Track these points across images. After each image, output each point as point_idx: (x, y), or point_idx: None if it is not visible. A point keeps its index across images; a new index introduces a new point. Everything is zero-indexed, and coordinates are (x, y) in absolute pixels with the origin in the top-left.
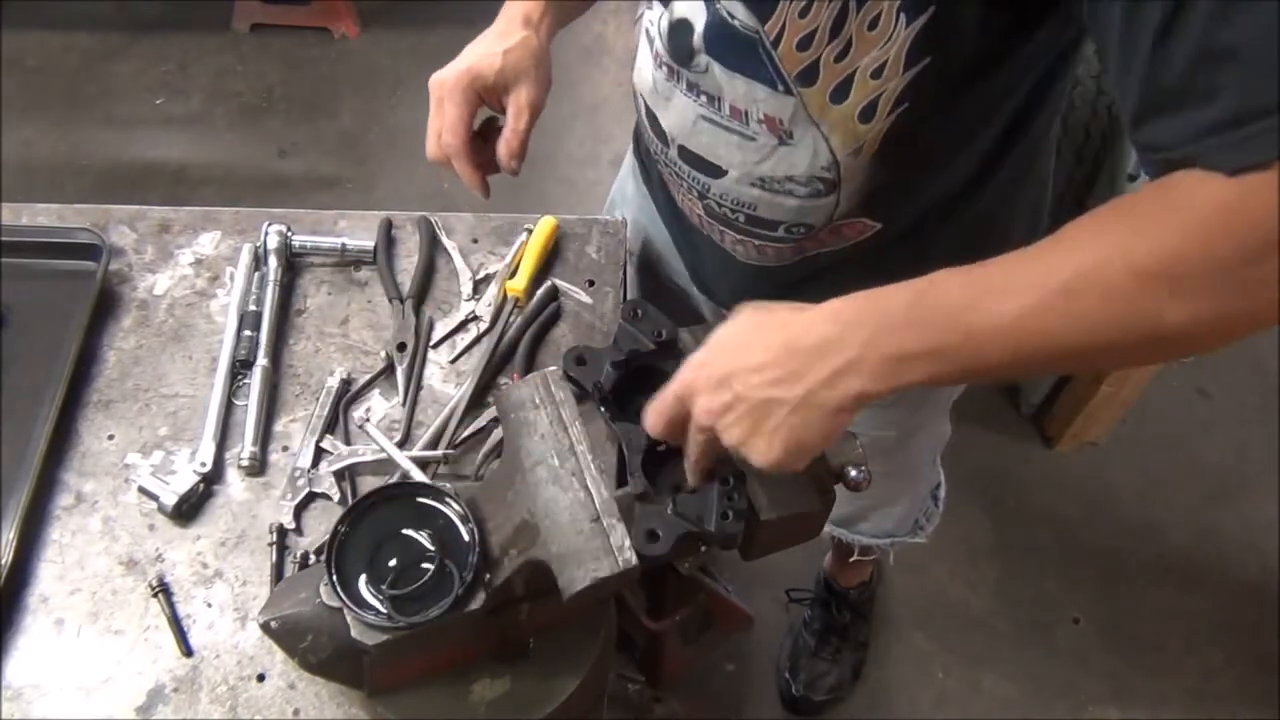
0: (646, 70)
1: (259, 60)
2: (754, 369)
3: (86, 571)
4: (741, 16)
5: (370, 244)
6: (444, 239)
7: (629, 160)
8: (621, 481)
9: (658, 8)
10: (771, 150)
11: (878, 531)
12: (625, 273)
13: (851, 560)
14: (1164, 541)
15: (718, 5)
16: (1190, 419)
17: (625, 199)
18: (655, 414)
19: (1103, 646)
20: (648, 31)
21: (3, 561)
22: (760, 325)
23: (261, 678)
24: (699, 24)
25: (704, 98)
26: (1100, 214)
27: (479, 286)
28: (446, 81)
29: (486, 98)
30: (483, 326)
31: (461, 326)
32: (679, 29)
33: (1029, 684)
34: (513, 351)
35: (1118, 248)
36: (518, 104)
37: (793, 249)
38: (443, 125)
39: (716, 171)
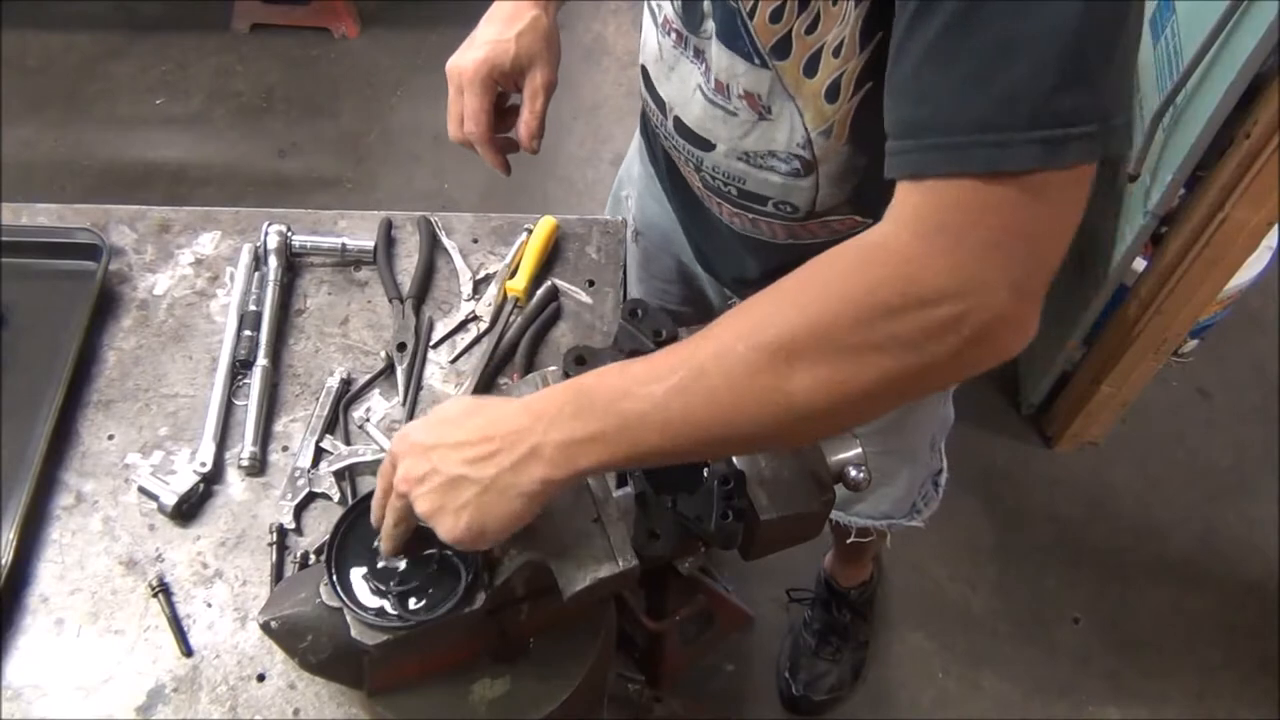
0: (652, 38)
1: (259, 60)
2: (453, 446)
3: (86, 571)
4: None
5: (370, 244)
6: (444, 239)
7: (636, 139)
8: (621, 481)
9: None
10: (753, 125)
11: (874, 513)
12: (625, 273)
13: (849, 542)
14: (1164, 541)
15: None
16: (1190, 419)
17: (632, 179)
18: (379, 474)
19: (1103, 646)
20: None
21: (3, 561)
22: (470, 407)
23: (261, 678)
24: None
25: (703, 66)
26: (753, 297)
27: (479, 286)
28: (465, 71)
29: (503, 82)
30: (483, 326)
31: (461, 326)
32: None
33: (1029, 684)
34: (513, 351)
35: (748, 325)
36: (533, 86)
37: (784, 229)
38: (464, 112)
39: (706, 145)
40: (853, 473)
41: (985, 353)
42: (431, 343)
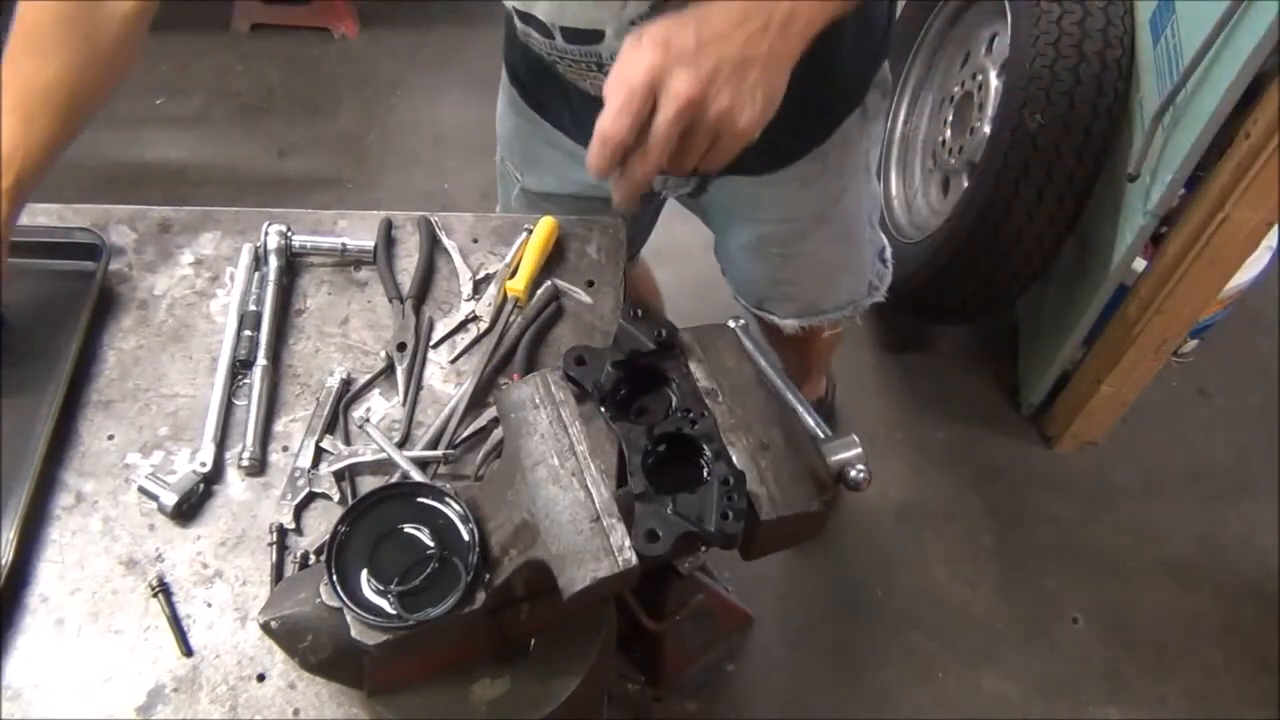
0: None
1: (259, 60)
2: (721, 36)
3: (86, 571)
4: None
5: (370, 244)
6: (444, 239)
7: (503, 103)
8: (621, 481)
9: None
10: None
11: (840, 303)
12: (625, 272)
13: (825, 335)
14: (1164, 541)
15: None
16: (1190, 419)
17: (506, 142)
18: (622, 110)
19: (1103, 646)
20: None
21: (3, 561)
22: (698, 9)
23: (261, 678)
24: None
25: None
26: None
27: (479, 286)
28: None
29: None
30: (483, 326)
31: (461, 326)
32: None
33: (1029, 684)
34: (513, 351)
35: None
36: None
37: None
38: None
39: (595, 37)
40: (852, 473)
41: None
42: (431, 343)
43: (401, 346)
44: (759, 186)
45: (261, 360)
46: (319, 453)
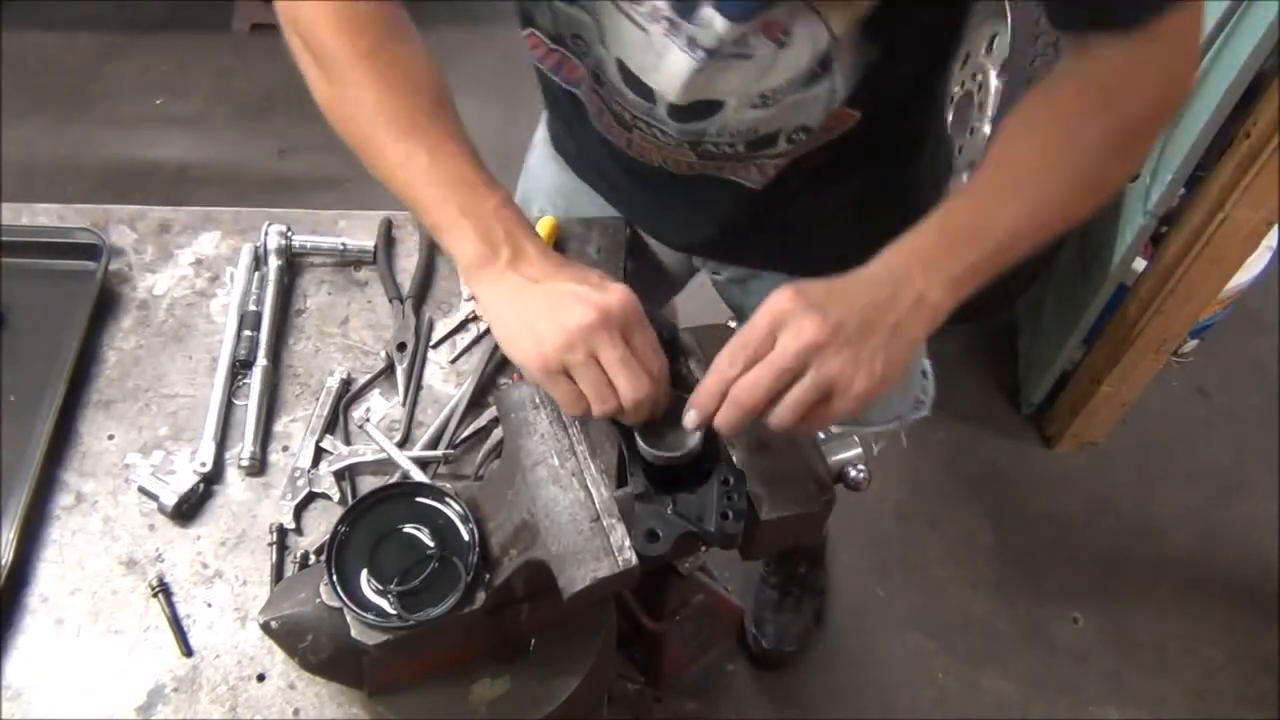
0: (628, 28)
1: (259, 60)
2: (847, 303)
3: (86, 571)
4: None
5: (370, 244)
6: None
7: (538, 153)
8: (621, 481)
9: None
10: (771, 60)
11: (888, 416)
12: (625, 272)
13: (873, 442)
14: (1164, 541)
15: None
16: (1190, 419)
17: (542, 190)
18: (739, 347)
19: (1103, 646)
20: None
21: (3, 561)
22: (830, 284)
23: (261, 678)
24: None
25: (701, 53)
26: (1031, 115)
27: None
28: (617, 306)
29: None
30: (483, 326)
31: (461, 326)
32: None
33: (1029, 684)
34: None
35: (1066, 139)
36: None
37: (776, 167)
38: (643, 354)
39: (713, 109)
40: (852, 473)
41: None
42: (431, 343)
43: (401, 346)
44: None
45: (261, 360)
46: (319, 453)
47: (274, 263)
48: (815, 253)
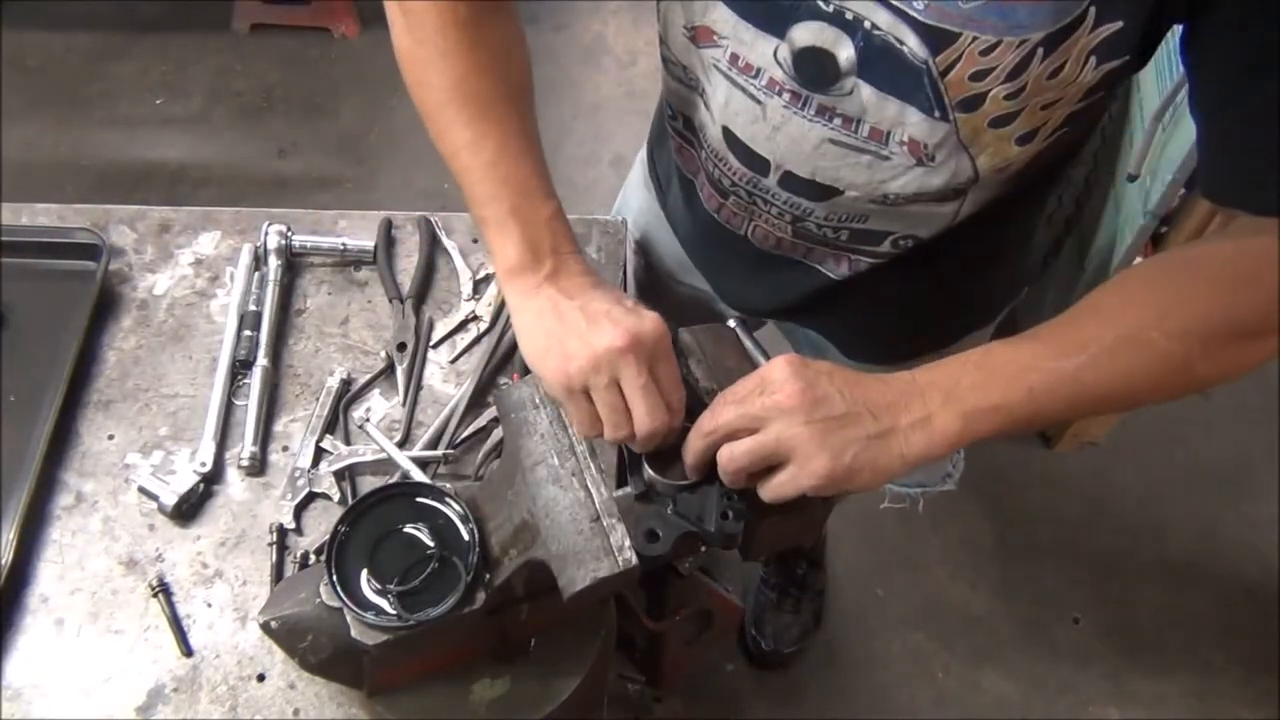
0: (740, 99)
1: (259, 60)
2: (852, 382)
3: (86, 571)
4: (912, 45)
5: (370, 244)
6: (444, 239)
7: (636, 176)
8: (621, 481)
9: (758, 40)
10: (906, 170)
11: (909, 482)
12: (625, 272)
13: (881, 507)
14: (1164, 541)
15: (877, 33)
16: (1190, 419)
17: (631, 211)
18: (725, 395)
19: (1103, 646)
20: (734, 63)
21: (3, 561)
22: (835, 366)
23: (261, 678)
24: (847, 49)
25: (838, 120)
26: (1134, 281)
27: (479, 286)
28: (647, 335)
29: None
30: (483, 326)
31: (461, 326)
32: (812, 56)
33: (1029, 684)
34: (513, 351)
35: (1154, 314)
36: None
37: (869, 262)
38: (666, 387)
39: (831, 193)
40: None
41: None
42: (431, 343)
43: (401, 346)
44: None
45: (261, 360)
46: (319, 453)
47: (274, 263)
48: (869, 340)
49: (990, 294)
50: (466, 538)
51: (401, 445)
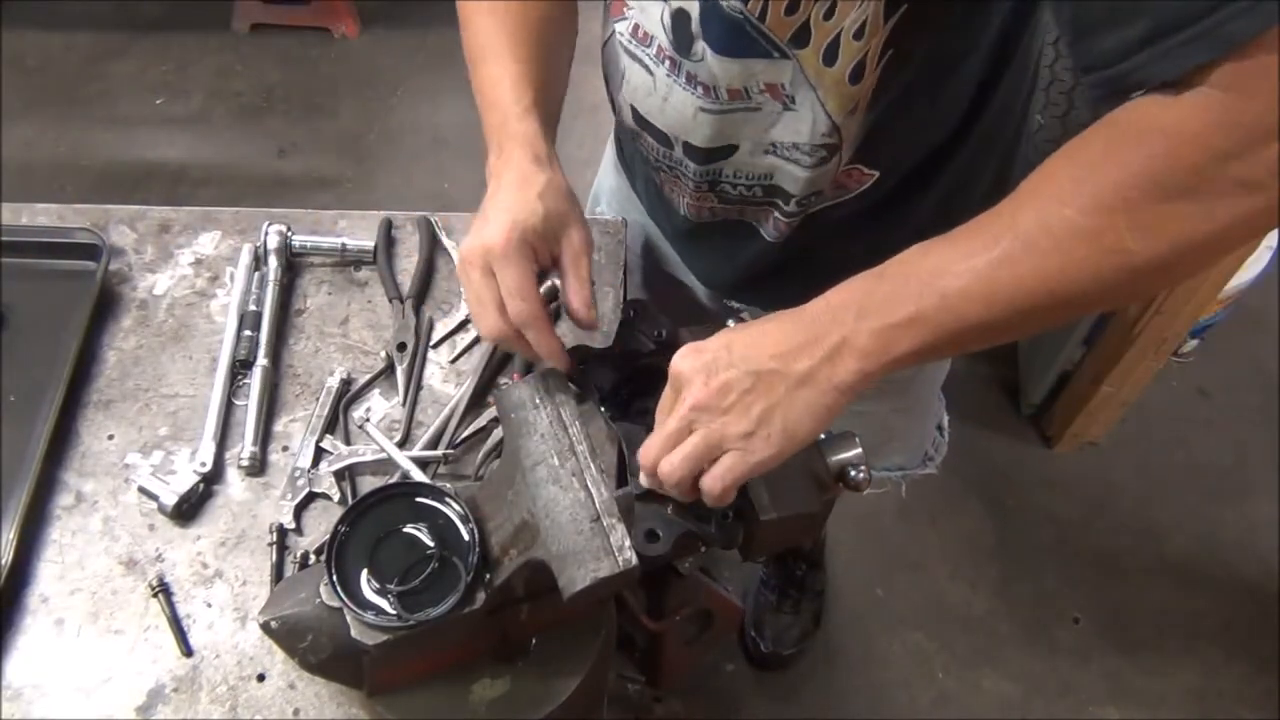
0: (637, 73)
1: (259, 60)
2: (752, 343)
3: (86, 571)
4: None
5: (370, 244)
6: (444, 239)
7: (609, 155)
8: (621, 481)
9: (653, 6)
10: (778, 116)
11: (889, 465)
12: (625, 272)
13: (864, 493)
14: (1164, 541)
15: None
16: (1190, 419)
17: (605, 190)
18: (657, 412)
19: (1103, 646)
20: (634, 35)
21: (3, 561)
22: (759, 323)
23: (261, 678)
24: (694, 11)
25: (700, 89)
26: (1049, 164)
27: None
28: (493, 245)
29: (538, 250)
30: None
31: (461, 326)
32: (679, 18)
33: (1029, 684)
34: (512, 351)
35: (1067, 191)
36: (572, 249)
37: (802, 216)
38: (504, 292)
39: (728, 151)
40: (852, 473)
41: None
42: (431, 343)
43: (401, 346)
44: None
45: (261, 360)
46: (319, 453)
47: (274, 263)
48: None
49: (941, 225)
50: (466, 538)
51: (401, 445)
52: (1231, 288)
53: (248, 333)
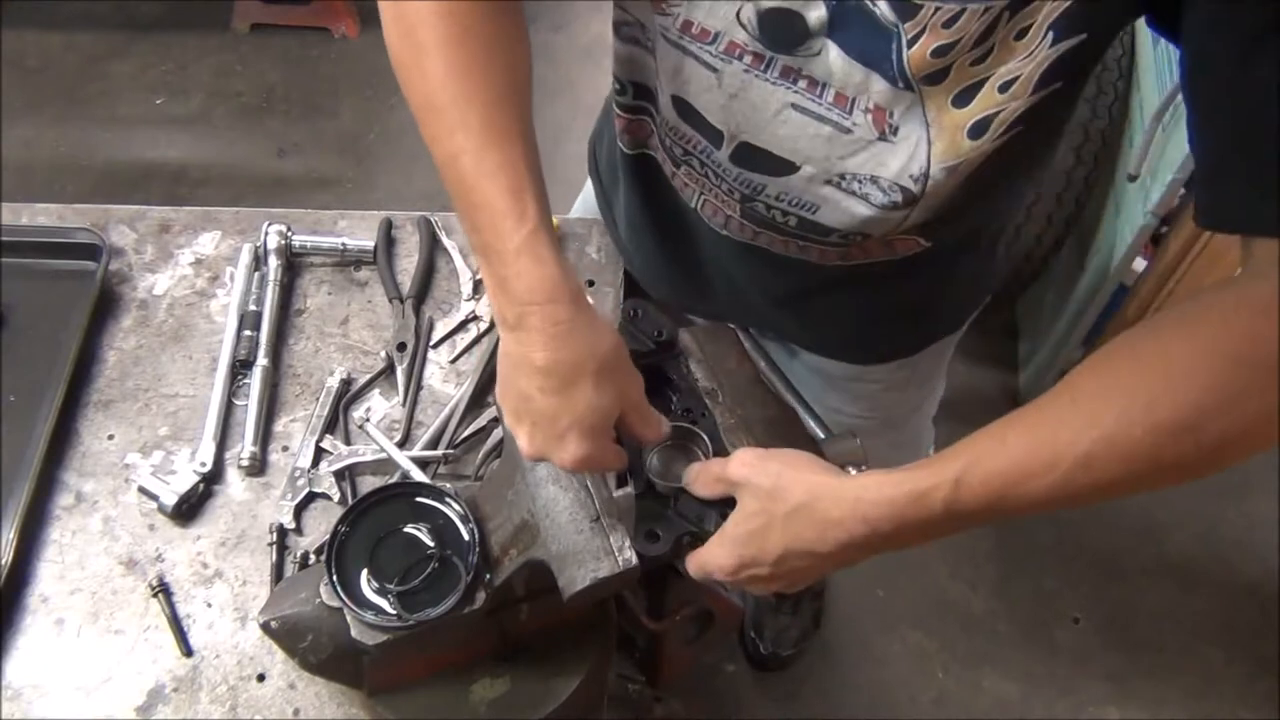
0: (691, 66)
1: (259, 60)
2: (784, 535)
3: (86, 571)
4: (884, 8)
5: (370, 244)
6: (444, 239)
7: (585, 198)
8: (621, 481)
9: (718, 3)
10: (866, 145)
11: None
12: (625, 273)
13: None
14: (1164, 541)
15: None
16: None
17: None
18: (712, 562)
19: (1103, 646)
20: (686, 31)
21: (3, 561)
22: (788, 515)
23: (261, 678)
24: (818, 9)
25: (803, 83)
26: (1116, 362)
27: (479, 286)
28: (609, 352)
29: None
30: (483, 326)
31: (461, 326)
32: (778, 15)
33: (1029, 684)
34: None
35: (1137, 403)
36: (638, 390)
37: (838, 253)
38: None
39: (786, 168)
40: (853, 473)
41: None
42: (431, 343)
43: (401, 346)
44: (842, 376)
45: (261, 360)
46: (319, 453)
47: (274, 263)
48: (833, 345)
49: (950, 310)
50: (466, 538)
51: (401, 445)
52: None
53: (248, 333)
